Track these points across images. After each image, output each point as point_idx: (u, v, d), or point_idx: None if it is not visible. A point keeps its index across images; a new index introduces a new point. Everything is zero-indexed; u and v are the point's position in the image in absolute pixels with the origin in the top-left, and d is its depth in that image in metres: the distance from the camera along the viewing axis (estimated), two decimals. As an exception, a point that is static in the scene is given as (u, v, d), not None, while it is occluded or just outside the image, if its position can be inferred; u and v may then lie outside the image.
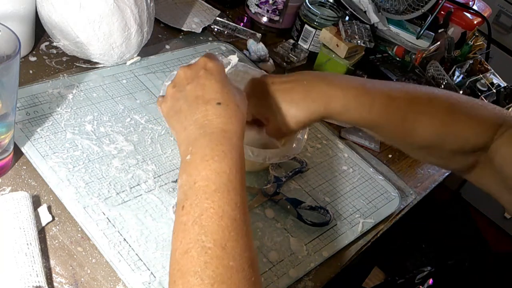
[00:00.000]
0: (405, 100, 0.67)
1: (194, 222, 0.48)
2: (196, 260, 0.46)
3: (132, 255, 0.62)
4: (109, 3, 0.78)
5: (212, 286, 0.45)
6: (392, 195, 0.85)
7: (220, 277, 0.45)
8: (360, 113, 0.66)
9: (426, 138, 0.68)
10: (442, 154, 0.70)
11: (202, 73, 0.58)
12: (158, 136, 0.78)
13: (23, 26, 0.79)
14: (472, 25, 1.20)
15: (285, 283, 0.67)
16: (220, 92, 0.57)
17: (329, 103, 0.65)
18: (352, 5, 1.10)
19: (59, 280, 0.58)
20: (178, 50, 0.97)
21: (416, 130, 0.67)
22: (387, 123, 0.67)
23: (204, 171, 0.51)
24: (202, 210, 0.49)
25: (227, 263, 0.46)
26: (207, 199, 0.49)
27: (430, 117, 0.67)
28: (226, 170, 0.51)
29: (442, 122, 0.67)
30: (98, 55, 0.83)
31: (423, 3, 1.07)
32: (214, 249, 0.47)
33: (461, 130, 0.67)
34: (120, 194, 0.68)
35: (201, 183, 0.51)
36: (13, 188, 0.65)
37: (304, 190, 0.80)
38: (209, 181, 0.50)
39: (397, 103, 0.67)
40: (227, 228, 0.48)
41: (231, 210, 0.49)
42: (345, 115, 0.66)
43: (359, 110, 0.66)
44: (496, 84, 1.17)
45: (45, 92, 0.78)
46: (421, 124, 0.67)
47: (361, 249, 0.76)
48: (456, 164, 0.71)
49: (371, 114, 0.66)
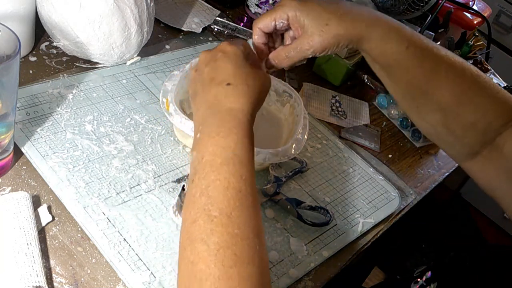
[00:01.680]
0: (440, 55, 0.66)
1: (201, 193, 0.51)
2: (203, 228, 0.49)
3: (132, 255, 0.63)
4: (109, 3, 0.78)
5: (217, 251, 0.47)
6: (392, 195, 0.85)
7: (225, 243, 0.47)
8: (398, 46, 0.65)
9: (447, 99, 0.65)
10: (455, 125, 0.66)
11: (219, 56, 0.61)
12: (158, 136, 0.78)
13: (23, 26, 0.79)
14: (472, 25, 1.20)
15: (285, 283, 0.67)
16: (232, 74, 0.58)
17: (373, 24, 0.64)
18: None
19: (59, 280, 0.58)
20: (178, 50, 0.97)
21: (441, 86, 0.65)
22: (418, 66, 0.65)
23: (211, 147, 0.53)
24: (209, 182, 0.51)
25: (232, 231, 0.48)
26: (214, 171, 0.52)
27: (458, 77, 0.66)
28: (231, 145, 0.53)
29: (468, 87, 0.65)
30: (98, 55, 0.83)
31: (423, 3, 1.07)
32: (220, 217, 0.49)
33: (482, 102, 0.65)
34: (120, 194, 0.68)
35: (208, 158, 0.53)
36: (13, 188, 0.65)
37: (304, 190, 0.80)
38: (215, 156, 0.53)
39: (434, 53, 0.66)
40: (233, 198, 0.50)
41: (236, 182, 0.51)
42: (383, 41, 0.65)
43: (398, 43, 0.65)
44: (496, 84, 1.17)
45: (45, 92, 0.78)
46: (448, 81, 0.65)
47: (361, 249, 0.76)
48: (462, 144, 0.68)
49: (407, 52, 0.65)
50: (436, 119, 0.67)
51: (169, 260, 0.64)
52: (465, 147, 0.68)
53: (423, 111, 0.68)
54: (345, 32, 0.64)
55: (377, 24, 0.65)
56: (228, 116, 0.56)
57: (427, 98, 0.66)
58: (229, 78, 0.58)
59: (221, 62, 0.60)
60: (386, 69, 0.67)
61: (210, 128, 0.55)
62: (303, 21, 0.65)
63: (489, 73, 1.19)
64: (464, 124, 0.66)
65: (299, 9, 0.65)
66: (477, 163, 0.68)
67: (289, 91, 0.85)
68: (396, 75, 0.67)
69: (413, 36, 0.66)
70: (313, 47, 0.64)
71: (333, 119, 0.97)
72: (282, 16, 0.66)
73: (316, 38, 0.64)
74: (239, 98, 0.57)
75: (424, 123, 0.70)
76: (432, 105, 0.66)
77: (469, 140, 0.67)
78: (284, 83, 0.85)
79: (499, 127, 0.65)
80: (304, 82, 1.02)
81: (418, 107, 0.68)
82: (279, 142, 0.82)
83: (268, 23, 0.66)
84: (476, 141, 0.67)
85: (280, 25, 0.67)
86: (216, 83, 0.58)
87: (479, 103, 0.65)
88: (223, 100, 0.57)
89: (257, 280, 0.48)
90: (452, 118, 0.66)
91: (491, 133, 0.66)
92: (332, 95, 1.02)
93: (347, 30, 0.64)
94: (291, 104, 0.84)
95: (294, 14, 0.65)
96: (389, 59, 0.66)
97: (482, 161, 0.68)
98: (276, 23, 0.66)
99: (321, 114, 0.97)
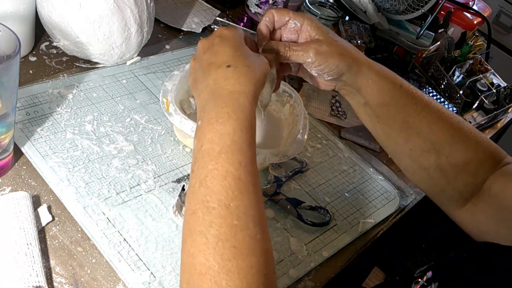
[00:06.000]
0: (426, 96, 0.69)
1: (200, 184, 0.50)
2: (202, 220, 0.48)
3: (132, 255, 0.63)
4: (109, 3, 0.78)
5: (216, 244, 0.47)
6: (392, 195, 0.85)
7: (224, 236, 0.47)
8: (393, 83, 0.67)
9: (441, 137, 0.67)
10: (448, 166, 0.67)
11: (217, 41, 0.60)
12: (158, 136, 0.78)
13: (23, 26, 0.79)
14: (472, 25, 1.20)
15: (285, 283, 0.67)
16: (231, 56, 0.58)
17: (369, 61, 0.67)
18: (352, 5, 1.10)
19: (59, 280, 0.58)
20: (178, 50, 0.97)
21: (434, 123, 0.67)
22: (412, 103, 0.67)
23: (210, 134, 0.53)
24: (207, 171, 0.51)
25: (231, 222, 0.48)
26: (211, 160, 0.51)
27: (448, 117, 0.68)
28: (230, 131, 0.52)
29: (459, 127, 0.67)
30: (98, 55, 0.83)
31: (423, 3, 1.07)
32: (218, 209, 0.48)
33: (473, 142, 0.67)
34: (120, 194, 0.68)
35: (206, 146, 0.52)
36: (13, 188, 0.65)
37: (304, 190, 0.80)
38: (213, 144, 0.52)
39: (421, 93, 0.68)
40: (231, 187, 0.49)
41: (235, 170, 0.50)
42: (380, 77, 0.67)
43: (393, 80, 0.67)
44: (496, 84, 1.17)
45: (45, 92, 0.78)
46: (440, 120, 0.67)
47: (361, 249, 0.76)
48: (453, 188, 0.68)
49: (402, 90, 0.67)
50: (430, 161, 0.68)
51: (169, 260, 0.64)
52: (456, 192, 0.69)
53: (417, 153, 0.69)
54: (349, 55, 0.66)
55: (372, 62, 0.68)
56: (229, 99, 0.54)
57: (420, 136, 0.67)
58: (228, 60, 0.57)
59: (219, 46, 0.59)
60: (382, 108, 0.68)
61: (209, 114, 0.54)
62: (314, 35, 0.66)
63: (489, 73, 1.19)
64: (456, 164, 0.67)
65: (316, 24, 0.67)
66: (467, 211, 0.69)
67: (289, 91, 0.85)
68: (392, 114, 0.68)
69: (400, 77, 0.69)
70: (319, 53, 0.64)
71: (333, 119, 0.97)
72: (299, 19, 0.67)
73: (324, 47, 0.65)
74: (240, 78, 0.56)
75: (417, 167, 0.70)
76: (426, 144, 0.67)
77: (460, 182, 0.68)
78: (284, 83, 0.85)
79: (488, 169, 0.67)
80: (304, 82, 1.02)
81: (412, 149, 0.69)
82: (279, 142, 0.82)
83: (283, 16, 0.67)
84: (467, 183, 0.68)
85: (291, 25, 0.67)
86: (215, 67, 0.57)
87: (469, 143, 0.67)
88: (223, 84, 0.56)
89: (258, 271, 0.47)
90: (445, 157, 0.67)
91: (481, 175, 0.67)
92: (332, 95, 1.02)
93: (351, 54, 0.66)
94: (291, 104, 0.84)
95: (310, 23, 0.66)
96: (385, 96, 0.67)
97: (472, 208, 0.68)
98: (289, 21, 0.67)
99: (321, 114, 0.97)
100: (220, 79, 0.56)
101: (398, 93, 0.68)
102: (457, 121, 0.68)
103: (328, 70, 0.65)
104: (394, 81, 0.68)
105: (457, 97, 1.07)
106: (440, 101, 1.05)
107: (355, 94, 0.68)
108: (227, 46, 0.59)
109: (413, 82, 1.08)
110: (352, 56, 0.66)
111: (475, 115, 1.09)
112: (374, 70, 0.67)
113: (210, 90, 0.56)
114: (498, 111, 1.12)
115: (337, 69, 0.65)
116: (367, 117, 0.70)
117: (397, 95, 0.68)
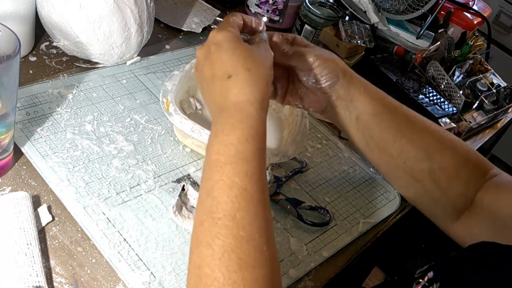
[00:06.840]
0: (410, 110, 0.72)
1: (207, 195, 0.51)
2: (208, 231, 0.49)
3: (132, 255, 0.63)
4: (109, 3, 0.78)
5: (222, 255, 0.47)
6: (392, 195, 0.85)
7: (230, 247, 0.47)
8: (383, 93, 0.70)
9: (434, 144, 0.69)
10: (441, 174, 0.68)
11: (212, 49, 0.58)
12: (158, 136, 0.78)
13: (23, 26, 0.79)
14: (472, 25, 1.20)
15: (285, 283, 0.67)
16: (229, 63, 0.56)
17: None
18: (352, 5, 1.10)
19: (59, 280, 0.58)
20: (178, 50, 0.97)
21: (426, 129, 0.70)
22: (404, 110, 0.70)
23: (216, 145, 0.53)
24: (214, 182, 0.51)
25: (237, 233, 0.48)
26: (218, 171, 0.52)
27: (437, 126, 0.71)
28: (234, 142, 0.52)
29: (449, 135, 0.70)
30: (98, 55, 0.83)
31: (423, 3, 1.07)
32: (224, 220, 0.49)
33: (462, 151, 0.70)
34: (120, 194, 0.68)
35: (213, 157, 0.53)
36: (13, 188, 0.65)
37: (304, 190, 0.80)
38: (219, 155, 0.52)
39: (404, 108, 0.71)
40: (236, 198, 0.50)
41: (240, 180, 0.51)
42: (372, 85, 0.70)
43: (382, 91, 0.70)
44: (496, 84, 1.17)
45: (45, 92, 0.78)
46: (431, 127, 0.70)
47: (361, 249, 0.76)
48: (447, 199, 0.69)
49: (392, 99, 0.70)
50: (423, 170, 0.69)
51: (169, 260, 0.64)
52: (449, 203, 0.69)
53: (411, 164, 0.69)
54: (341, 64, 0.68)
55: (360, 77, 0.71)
56: (234, 110, 0.54)
57: (413, 145, 0.68)
58: (227, 69, 0.56)
59: (215, 55, 0.58)
60: (375, 118, 0.69)
61: (216, 126, 0.55)
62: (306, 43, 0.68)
63: (489, 73, 1.19)
64: (448, 172, 0.68)
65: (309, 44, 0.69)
66: (462, 224, 0.69)
67: (289, 91, 0.84)
68: (385, 123, 0.69)
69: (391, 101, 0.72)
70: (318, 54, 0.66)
71: (333, 119, 0.97)
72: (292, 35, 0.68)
73: (317, 50, 0.67)
74: (243, 88, 0.55)
75: (411, 180, 0.70)
76: (419, 153, 0.68)
77: (453, 192, 0.68)
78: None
79: (478, 178, 0.68)
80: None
81: (406, 161, 0.69)
82: (279, 142, 0.82)
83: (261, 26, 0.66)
84: (459, 194, 0.68)
85: None
86: (217, 79, 0.57)
87: (458, 150, 0.69)
88: (227, 96, 0.56)
89: (264, 283, 0.47)
90: (437, 165, 0.68)
91: (473, 185, 0.68)
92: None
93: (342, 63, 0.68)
94: (291, 104, 0.84)
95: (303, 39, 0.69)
96: (377, 104, 0.69)
97: (467, 221, 0.69)
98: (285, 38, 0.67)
99: (321, 114, 0.97)
100: (224, 91, 0.56)
101: (388, 100, 0.70)
102: (443, 130, 0.71)
103: (327, 72, 0.66)
104: (380, 91, 0.71)
105: (457, 97, 1.07)
106: (440, 101, 1.05)
107: (348, 106, 0.69)
108: (224, 54, 0.57)
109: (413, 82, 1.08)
110: (343, 66, 0.68)
111: (475, 115, 1.09)
112: (363, 81, 0.70)
113: (216, 103, 0.57)
114: (498, 111, 1.12)
115: (335, 72, 0.67)
116: (360, 135, 0.70)
117: (387, 102, 0.70)
